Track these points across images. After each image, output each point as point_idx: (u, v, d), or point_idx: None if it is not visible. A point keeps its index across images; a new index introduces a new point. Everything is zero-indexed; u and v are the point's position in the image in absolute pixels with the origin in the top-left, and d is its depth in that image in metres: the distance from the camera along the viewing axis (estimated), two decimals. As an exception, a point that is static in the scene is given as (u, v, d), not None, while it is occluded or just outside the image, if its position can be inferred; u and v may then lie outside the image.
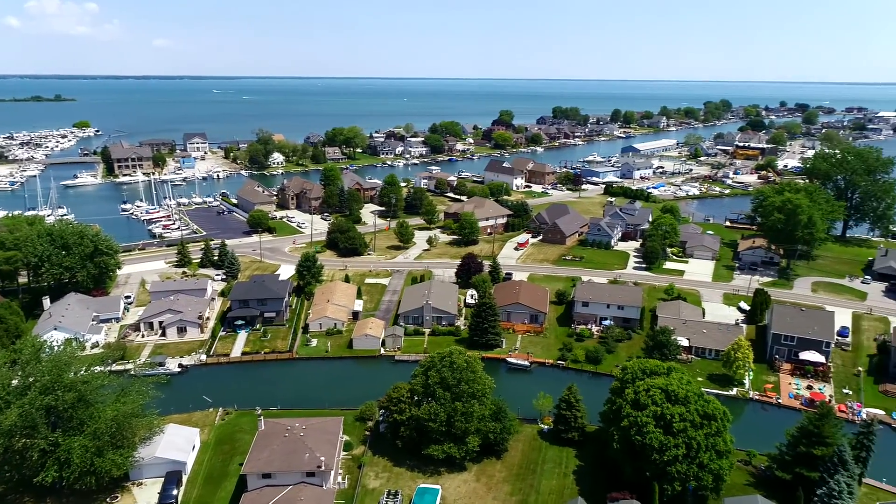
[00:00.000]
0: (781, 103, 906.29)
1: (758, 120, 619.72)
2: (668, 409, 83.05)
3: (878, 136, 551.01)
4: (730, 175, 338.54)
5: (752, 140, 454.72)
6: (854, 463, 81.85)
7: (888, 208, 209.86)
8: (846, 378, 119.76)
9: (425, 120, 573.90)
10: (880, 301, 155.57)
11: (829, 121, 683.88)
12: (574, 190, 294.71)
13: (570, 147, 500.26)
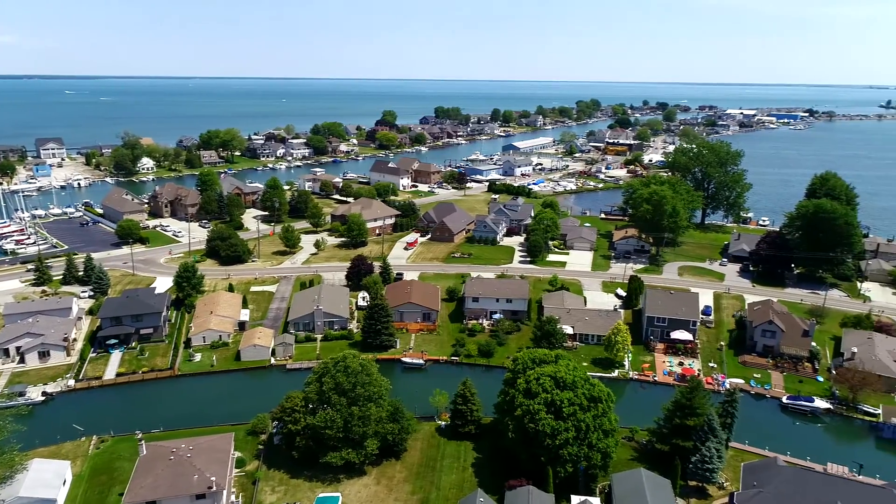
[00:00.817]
0: (644, 102, 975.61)
1: (624, 118, 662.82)
2: (558, 395, 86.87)
3: (726, 131, 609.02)
4: (602, 170, 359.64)
5: (620, 137, 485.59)
6: (721, 430, 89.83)
7: (738, 197, 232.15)
8: (711, 353, 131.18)
9: (306, 121, 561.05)
10: (736, 281, 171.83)
11: (685, 118, 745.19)
12: (459, 188, 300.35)
13: (454, 146, 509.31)
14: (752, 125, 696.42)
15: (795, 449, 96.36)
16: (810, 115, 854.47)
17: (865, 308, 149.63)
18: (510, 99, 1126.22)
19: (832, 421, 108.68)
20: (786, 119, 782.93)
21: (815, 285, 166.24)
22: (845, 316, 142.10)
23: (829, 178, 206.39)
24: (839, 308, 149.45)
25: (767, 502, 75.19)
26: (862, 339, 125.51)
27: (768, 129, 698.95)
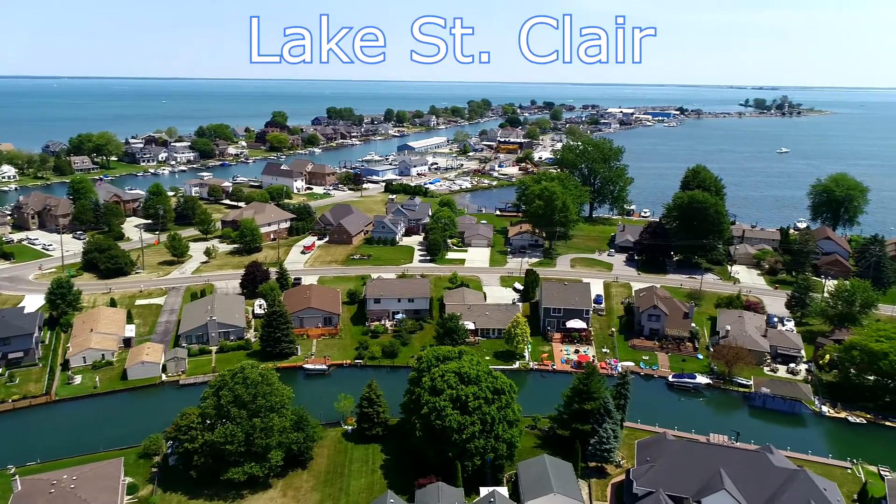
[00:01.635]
0: (532, 102, 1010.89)
1: (514, 117, 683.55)
2: (463, 390, 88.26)
3: (608, 128, 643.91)
4: (496, 168, 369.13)
5: (511, 135, 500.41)
6: (616, 411, 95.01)
7: (622, 190, 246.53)
8: (604, 339, 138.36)
9: (190, 123, 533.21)
10: (623, 270, 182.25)
11: (571, 117, 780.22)
12: (355, 189, 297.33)
13: (348, 147, 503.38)
14: (631, 123, 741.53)
15: (682, 423, 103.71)
16: (681, 112, 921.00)
17: (735, 289, 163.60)
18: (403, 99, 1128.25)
19: (712, 395, 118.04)
20: (660, 117, 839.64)
21: (692, 270, 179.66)
22: (719, 297, 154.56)
23: (699, 170, 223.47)
24: (713, 290, 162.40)
25: (659, 475, 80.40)
26: (734, 317, 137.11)
27: (645, 126, 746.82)
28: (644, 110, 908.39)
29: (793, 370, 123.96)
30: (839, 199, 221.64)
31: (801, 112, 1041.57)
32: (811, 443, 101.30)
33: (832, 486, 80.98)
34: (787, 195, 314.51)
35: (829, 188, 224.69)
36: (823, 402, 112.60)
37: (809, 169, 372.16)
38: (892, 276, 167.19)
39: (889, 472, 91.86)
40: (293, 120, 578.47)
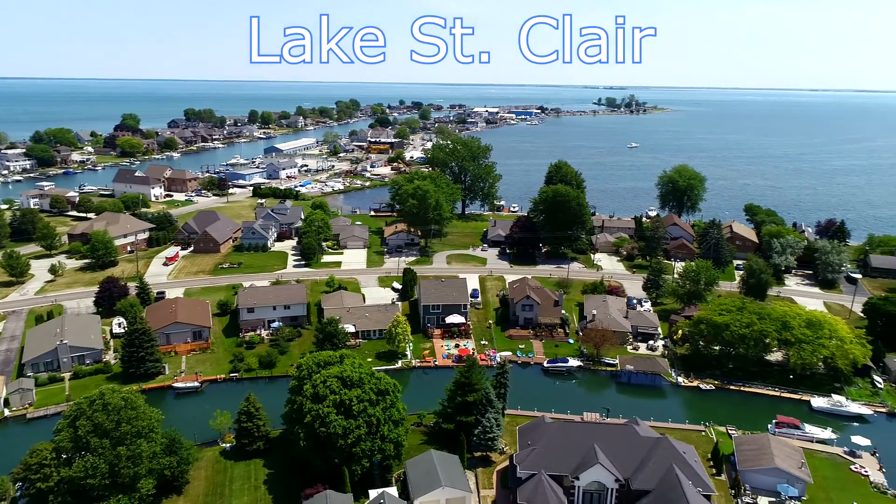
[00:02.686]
0: (401, 102, 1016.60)
1: (384, 117, 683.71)
2: (346, 394, 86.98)
3: (476, 127, 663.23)
4: (367, 168, 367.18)
5: (381, 136, 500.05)
6: (498, 400, 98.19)
7: (491, 187, 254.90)
8: (482, 331, 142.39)
9: (24, 128, 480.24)
10: (497, 263, 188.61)
11: (439, 116, 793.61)
12: (221, 195, 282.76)
13: (210, 151, 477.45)
14: (497, 122, 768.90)
15: (558, 405, 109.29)
16: (542, 111, 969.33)
17: (599, 276, 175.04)
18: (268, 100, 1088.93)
19: (583, 376, 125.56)
20: (523, 115, 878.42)
21: (560, 260, 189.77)
22: (585, 284, 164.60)
23: (561, 166, 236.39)
24: (579, 278, 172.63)
25: (540, 457, 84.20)
26: (599, 302, 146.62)
27: (510, 124, 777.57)
28: (508, 109, 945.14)
29: (652, 347, 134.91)
30: (682, 189, 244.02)
31: (647, 110, 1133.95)
32: (671, 411, 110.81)
33: (690, 449, 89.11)
34: (639, 186, 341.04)
35: (674, 179, 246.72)
36: (679, 374, 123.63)
37: (656, 162, 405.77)
38: (728, 256, 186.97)
39: (735, 431, 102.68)
40: (146, 123, 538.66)
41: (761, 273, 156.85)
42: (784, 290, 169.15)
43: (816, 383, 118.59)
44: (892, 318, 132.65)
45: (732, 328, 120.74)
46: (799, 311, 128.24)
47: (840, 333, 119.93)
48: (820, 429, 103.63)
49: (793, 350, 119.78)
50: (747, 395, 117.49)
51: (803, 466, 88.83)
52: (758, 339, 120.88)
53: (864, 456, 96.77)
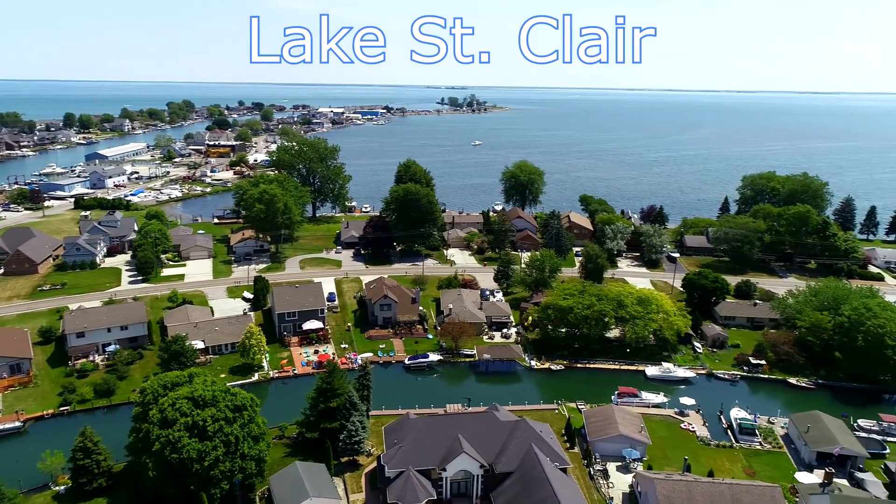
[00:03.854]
0: (240, 102, 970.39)
1: (222, 119, 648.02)
2: (199, 414, 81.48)
3: (322, 128, 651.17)
4: (207, 173, 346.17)
5: (221, 138, 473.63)
6: (362, 402, 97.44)
7: (341, 188, 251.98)
8: (341, 335, 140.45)
9: None
10: (352, 265, 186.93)
11: (283, 117, 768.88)
12: (35, 209, 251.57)
13: (18, 159, 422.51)
14: (343, 122, 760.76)
15: (422, 401, 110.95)
16: (388, 111, 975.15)
17: (452, 270, 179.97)
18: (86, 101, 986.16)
19: (444, 369, 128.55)
20: (370, 115, 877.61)
21: (414, 258, 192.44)
22: (440, 279, 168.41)
23: (410, 164, 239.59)
24: (434, 273, 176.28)
25: (406, 454, 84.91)
26: (454, 296, 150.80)
27: (356, 124, 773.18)
28: (354, 109, 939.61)
29: (506, 335, 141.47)
30: (524, 183, 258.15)
31: (487, 109, 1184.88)
32: (527, 394, 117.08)
33: (546, 427, 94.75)
34: (485, 182, 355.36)
35: (516, 174, 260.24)
36: (532, 358, 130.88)
37: (498, 158, 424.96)
38: (568, 244, 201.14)
39: (584, 405, 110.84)
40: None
41: (597, 258, 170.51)
42: (617, 272, 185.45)
43: (649, 354, 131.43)
44: (705, 291, 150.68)
45: (576, 311, 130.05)
46: (631, 290, 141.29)
47: (665, 308, 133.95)
48: (654, 394, 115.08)
49: (628, 326, 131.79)
50: (593, 372, 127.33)
51: (643, 430, 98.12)
52: (598, 318, 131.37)
53: (691, 414, 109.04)
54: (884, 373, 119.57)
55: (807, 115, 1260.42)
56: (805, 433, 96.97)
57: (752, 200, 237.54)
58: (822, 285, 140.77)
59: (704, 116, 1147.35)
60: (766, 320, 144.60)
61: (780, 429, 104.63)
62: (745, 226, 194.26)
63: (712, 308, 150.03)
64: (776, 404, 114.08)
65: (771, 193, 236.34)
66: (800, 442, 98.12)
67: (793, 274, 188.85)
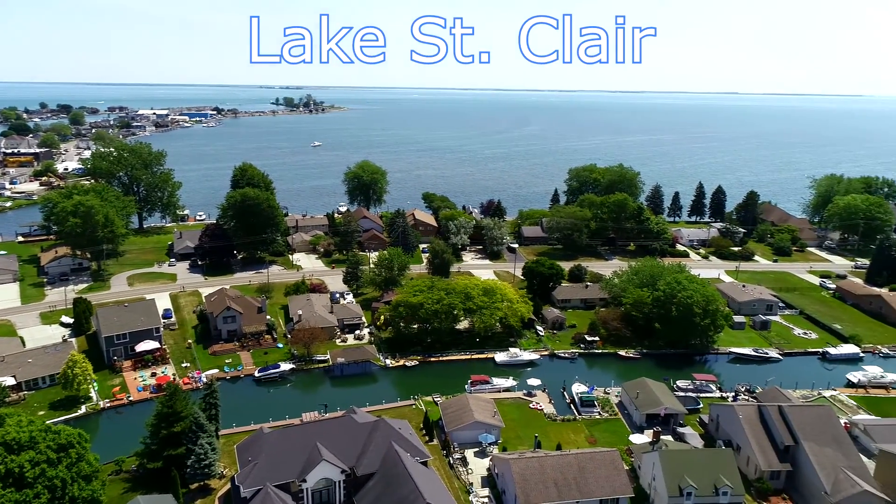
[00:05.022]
0: (42, 105, 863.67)
1: (21, 123, 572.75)
2: (14, 460, 71.42)
3: (143, 132, 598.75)
4: (6, 186, 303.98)
5: (21, 145, 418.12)
6: (210, 423, 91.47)
7: (171, 196, 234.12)
8: (182, 353, 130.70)
9: None
10: (189, 277, 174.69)
11: (96, 120, 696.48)
12: None
13: None
14: (168, 125, 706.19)
15: (276, 413, 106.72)
16: (218, 112, 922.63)
17: (300, 275, 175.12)
18: None
19: (298, 378, 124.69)
20: (198, 118, 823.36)
21: (258, 265, 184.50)
22: (287, 286, 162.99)
23: (247, 168, 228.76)
24: (281, 280, 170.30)
25: (262, 470, 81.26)
26: (303, 302, 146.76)
27: (184, 127, 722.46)
28: (180, 111, 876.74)
29: (359, 336, 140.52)
30: (367, 183, 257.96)
31: (325, 109, 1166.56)
32: (384, 393, 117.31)
33: (405, 424, 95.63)
34: (327, 183, 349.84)
35: (358, 174, 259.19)
36: (386, 357, 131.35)
37: (339, 158, 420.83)
38: (415, 241, 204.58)
39: (440, 397, 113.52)
40: None
41: (443, 253, 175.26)
42: (463, 265, 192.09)
43: (497, 341, 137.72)
44: (543, 277, 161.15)
45: (426, 306, 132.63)
46: (476, 282, 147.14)
47: (509, 296, 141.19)
48: (504, 379, 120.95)
49: (476, 317, 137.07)
50: (446, 364, 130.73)
51: (496, 415, 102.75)
52: (448, 312, 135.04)
53: (538, 394, 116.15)
54: (694, 337, 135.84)
55: (618, 111, 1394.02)
56: (635, 399, 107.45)
57: (578, 191, 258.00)
58: (641, 265, 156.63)
59: (532, 114, 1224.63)
60: (597, 300, 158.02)
61: (615, 397, 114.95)
62: (573, 215, 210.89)
63: (550, 293, 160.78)
64: (610, 376, 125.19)
65: (593, 184, 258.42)
66: (631, 407, 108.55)
67: (616, 256, 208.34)
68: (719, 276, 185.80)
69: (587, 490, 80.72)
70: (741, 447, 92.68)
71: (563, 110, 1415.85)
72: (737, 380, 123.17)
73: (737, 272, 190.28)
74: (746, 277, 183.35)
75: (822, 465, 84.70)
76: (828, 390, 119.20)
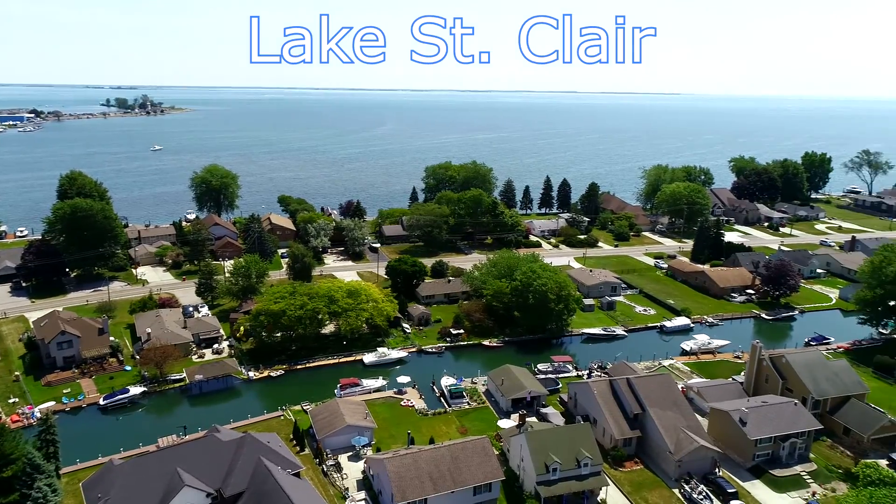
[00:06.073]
0: None
1: None
2: None
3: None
4: None
5: None
6: (48, 462, 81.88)
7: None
8: (7, 388, 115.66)
9: None
10: (11, 302, 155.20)
11: None
12: None
13: None
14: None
15: (127, 442, 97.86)
16: (37, 115, 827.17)
17: (146, 290, 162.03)
18: None
19: (151, 401, 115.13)
20: (12, 121, 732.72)
21: (96, 283, 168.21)
22: (132, 303, 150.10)
23: (76, 177, 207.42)
24: (125, 297, 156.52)
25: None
26: (152, 318, 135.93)
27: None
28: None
29: (217, 350, 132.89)
30: (217, 188, 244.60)
31: (164, 110, 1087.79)
32: (249, 407, 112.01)
33: (273, 437, 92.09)
34: (172, 190, 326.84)
35: (207, 179, 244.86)
36: (249, 369, 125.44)
37: (184, 163, 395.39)
38: (272, 247, 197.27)
39: (309, 405, 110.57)
40: None
41: (304, 257, 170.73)
42: (325, 268, 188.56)
43: (365, 343, 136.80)
44: (407, 275, 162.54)
45: (289, 313, 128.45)
46: (340, 284, 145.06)
47: (374, 296, 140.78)
48: (374, 380, 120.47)
49: (341, 319, 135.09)
50: (313, 370, 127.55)
51: (368, 416, 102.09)
52: (312, 317, 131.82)
53: (409, 391, 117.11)
54: (550, 322, 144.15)
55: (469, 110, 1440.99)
56: (501, 386, 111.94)
57: (436, 188, 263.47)
58: (498, 257, 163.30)
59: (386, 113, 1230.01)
60: (459, 294, 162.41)
61: (482, 386, 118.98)
62: (432, 212, 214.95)
63: (415, 290, 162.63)
64: (476, 366, 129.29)
65: (449, 181, 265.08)
66: (498, 394, 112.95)
67: (475, 250, 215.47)
68: (569, 262, 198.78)
69: (461, 479, 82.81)
70: (597, 420, 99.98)
71: (416, 109, 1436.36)
72: (590, 358, 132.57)
73: (584, 258, 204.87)
74: (593, 263, 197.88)
75: (666, 427, 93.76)
76: (666, 360, 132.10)
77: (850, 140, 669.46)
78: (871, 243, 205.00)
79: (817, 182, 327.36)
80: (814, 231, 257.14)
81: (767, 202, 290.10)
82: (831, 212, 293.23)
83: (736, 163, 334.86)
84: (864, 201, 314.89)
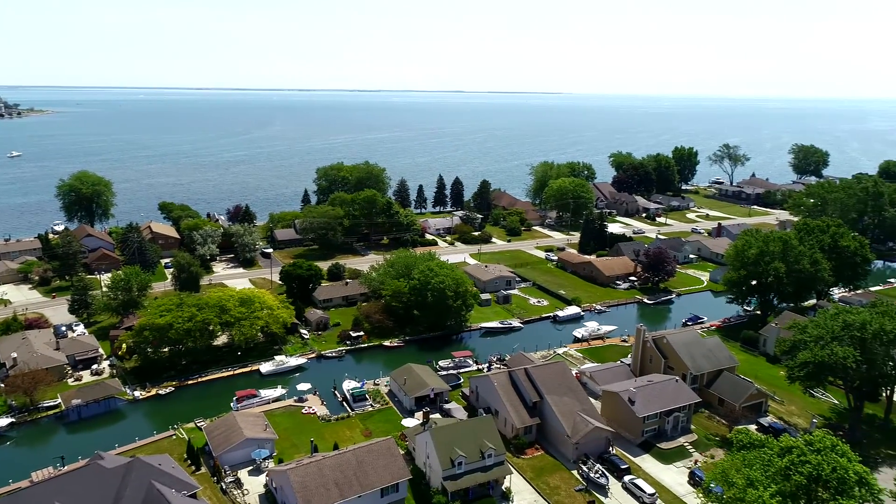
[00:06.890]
0: None
1: None
2: None
3: None
4: None
5: None
6: None
7: None
8: None
9: None
10: None
11: None
12: None
13: None
14: None
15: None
16: None
17: (10, 311, 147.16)
18: None
19: (20, 433, 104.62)
20: None
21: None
22: None
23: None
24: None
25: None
26: (17, 342, 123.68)
27: None
28: None
29: (97, 371, 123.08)
30: (89, 196, 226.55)
31: (22, 113, 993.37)
32: (136, 429, 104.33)
33: (165, 458, 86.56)
34: (34, 200, 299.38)
35: (76, 187, 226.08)
36: (134, 389, 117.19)
37: (47, 171, 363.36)
38: (155, 257, 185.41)
39: (204, 421, 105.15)
40: None
41: (190, 266, 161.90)
42: (215, 276, 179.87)
43: (261, 352, 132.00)
44: (302, 280, 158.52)
45: (176, 326, 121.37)
46: (231, 293, 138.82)
47: (268, 303, 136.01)
48: (273, 389, 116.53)
49: (234, 329, 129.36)
50: (207, 384, 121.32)
51: (268, 427, 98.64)
52: (202, 329, 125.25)
53: (309, 398, 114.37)
54: (449, 319, 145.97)
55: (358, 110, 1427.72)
56: (403, 385, 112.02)
57: (329, 190, 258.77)
58: (396, 257, 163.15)
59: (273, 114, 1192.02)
60: (357, 296, 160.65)
61: (385, 387, 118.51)
62: (326, 214, 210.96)
63: (311, 294, 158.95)
64: (378, 367, 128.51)
65: (342, 182, 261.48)
66: (401, 394, 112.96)
67: (372, 251, 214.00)
68: (465, 259, 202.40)
69: (367, 482, 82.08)
70: (499, 411, 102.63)
71: (304, 110, 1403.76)
72: (489, 351, 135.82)
73: (479, 254, 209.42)
74: (487, 258, 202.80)
75: (563, 413, 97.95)
76: (560, 348, 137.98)
77: (715, 135, 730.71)
78: (734, 229, 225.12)
79: (686, 174, 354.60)
80: (685, 220, 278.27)
81: (644, 194, 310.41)
82: (700, 201, 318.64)
83: (615, 158, 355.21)
84: (727, 191, 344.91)
